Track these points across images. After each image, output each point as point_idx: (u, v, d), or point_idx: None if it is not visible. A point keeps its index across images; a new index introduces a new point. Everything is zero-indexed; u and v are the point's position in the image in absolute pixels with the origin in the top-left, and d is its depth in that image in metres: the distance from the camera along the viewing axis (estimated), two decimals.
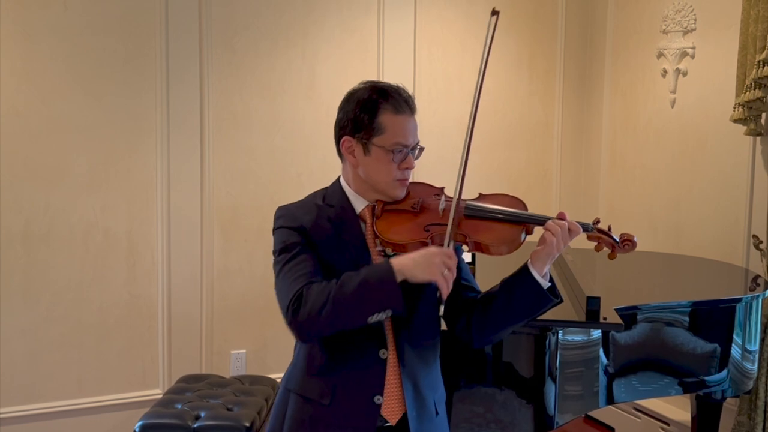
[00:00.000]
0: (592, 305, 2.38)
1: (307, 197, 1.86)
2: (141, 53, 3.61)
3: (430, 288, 1.74)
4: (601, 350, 2.46)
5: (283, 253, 1.74)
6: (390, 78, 4.06)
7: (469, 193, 1.83)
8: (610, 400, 2.54)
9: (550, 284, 1.75)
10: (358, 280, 1.63)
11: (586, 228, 1.77)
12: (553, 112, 4.60)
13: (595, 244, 1.80)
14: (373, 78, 4.02)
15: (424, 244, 1.72)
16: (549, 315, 2.45)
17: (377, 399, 1.74)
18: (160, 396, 3.45)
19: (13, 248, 3.45)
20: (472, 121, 1.75)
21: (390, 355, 1.76)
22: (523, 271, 1.75)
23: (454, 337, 1.88)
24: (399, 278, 1.62)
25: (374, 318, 1.63)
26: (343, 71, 3.96)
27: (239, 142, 3.84)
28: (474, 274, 2.93)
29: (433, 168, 4.13)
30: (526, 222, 1.75)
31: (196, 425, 2.89)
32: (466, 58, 4.32)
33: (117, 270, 3.64)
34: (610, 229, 1.79)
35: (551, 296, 1.75)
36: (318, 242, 1.75)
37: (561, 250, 1.72)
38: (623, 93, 4.36)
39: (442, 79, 4.27)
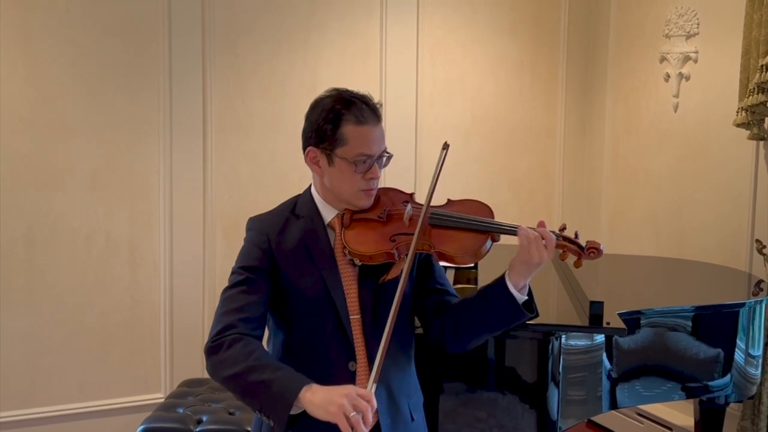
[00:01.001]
0: (596, 310, 2.37)
1: (279, 207, 1.85)
2: (143, 56, 3.62)
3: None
4: (605, 355, 2.45)
5: (236, 273, 1.75)
6: (393, 82, 4.10)
7: (438, 199, 1.81)
8: (614, 405, 2.53)
9: (526, 298, 1.71)
10: (265, 377, 1.59)
11: None
12: (556, 116, 4.60)
13: (560, 252, 1.74)
14: (375, 82, 4.04)
15: (389, 255, 1.71)
16: (552, 319, 2.45)
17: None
18: (162, 400, 3.44)
19: (15, 252, 3.45)
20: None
21: (360, 365, 1.75)
22: (499, 282, 1.72)
23: (429, 341, 1.86)
24: (297, 405, 1.56)
25: (260, 415, 1.62)
26: (345, 75, 3.96)
27: (241, 146, 3.84)
28: (477, 279, 2.93)
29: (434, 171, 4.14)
30: (491, 231, 1.72)
31: (198, 429, 2.88)
32: (468, 63, 4.32)
33: (119, 274, 3.64)
34: (576, 235, 1.74)
35: (525, 311, 1.71)
36: (282, 259, 1.74)
37: (540, 261, 1.65)
38: (626, 97, 4.35)
39: (444, 84, 4.27)
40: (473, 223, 1.73)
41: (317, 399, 1.54)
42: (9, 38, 3.38)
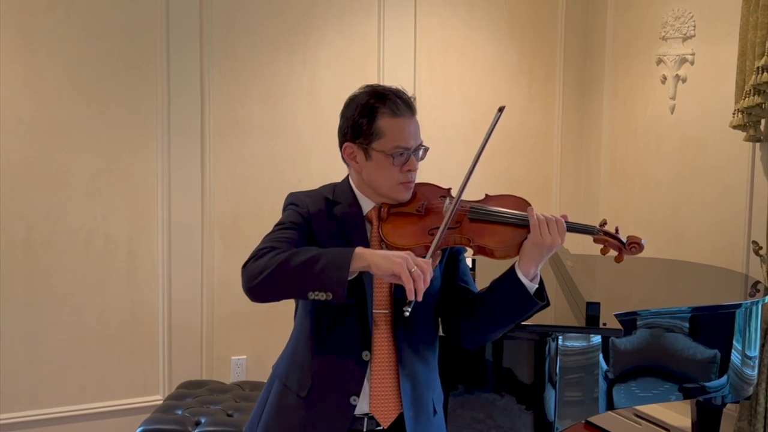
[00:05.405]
0: (592, 311, 2.38)
1: (318, 189, 1.86)
2: (142, 59, 3.63)
3: (428, 290, 1.74)
4: (601, 356, 2.46)
5: (277, 225, 1.76)
6: (391, 85, 4.10)
7: (475, 194, 1.82)
8: (610, 406, 2.54)
9: (537, 286, 1.71)
10: (314, 252, 1.58)
11: (591, 231, 1.75)
12: (553, 118, 4.61)
13: (601, 246, 1.77)
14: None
15: (427, 248, 1.69)
16: (549, 320, 2.47)
17: (353, 400, 1.73)
18: (161, 402, 3.45)
19: (14, 255, 3.46)
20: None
21: (375, 356, 1.74)
22: (509, 272, 1.72)
23: (448, 340, 1.86)
24: (358, 264, 1.55)
25: (314, 295, 1.56)
26: (343, 77, 3.97)
27: (240, 149, 3.85)
28: (474, 279, 2.94)
29: (434, 175, 4.13)
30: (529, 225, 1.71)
31: (196, 431, 2.89)
32: (466, 66, 4.33)
33: (118, 276, 3.65)
34: (617, 231, 1.76)
35: (536, 299, 1.70)
36: (319, 233, 1.75)
37: (551, 244, 1.66)
38: (623, 99, 4.37)
39: (443, 86, 4.28)
40: (512, 217, 1.73)
41: (379, 253, 1.56)
42: (8, 41, 3.39)
